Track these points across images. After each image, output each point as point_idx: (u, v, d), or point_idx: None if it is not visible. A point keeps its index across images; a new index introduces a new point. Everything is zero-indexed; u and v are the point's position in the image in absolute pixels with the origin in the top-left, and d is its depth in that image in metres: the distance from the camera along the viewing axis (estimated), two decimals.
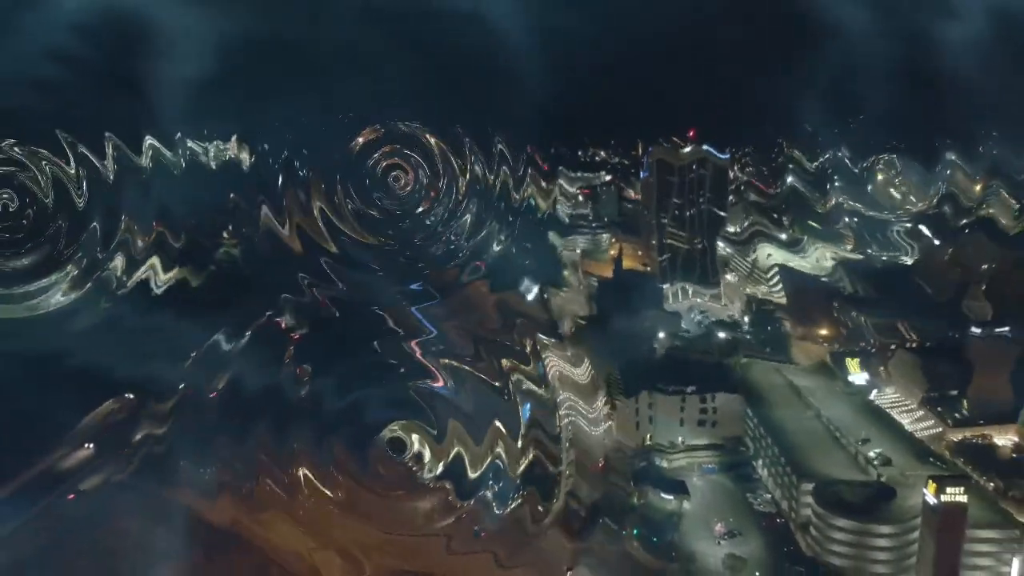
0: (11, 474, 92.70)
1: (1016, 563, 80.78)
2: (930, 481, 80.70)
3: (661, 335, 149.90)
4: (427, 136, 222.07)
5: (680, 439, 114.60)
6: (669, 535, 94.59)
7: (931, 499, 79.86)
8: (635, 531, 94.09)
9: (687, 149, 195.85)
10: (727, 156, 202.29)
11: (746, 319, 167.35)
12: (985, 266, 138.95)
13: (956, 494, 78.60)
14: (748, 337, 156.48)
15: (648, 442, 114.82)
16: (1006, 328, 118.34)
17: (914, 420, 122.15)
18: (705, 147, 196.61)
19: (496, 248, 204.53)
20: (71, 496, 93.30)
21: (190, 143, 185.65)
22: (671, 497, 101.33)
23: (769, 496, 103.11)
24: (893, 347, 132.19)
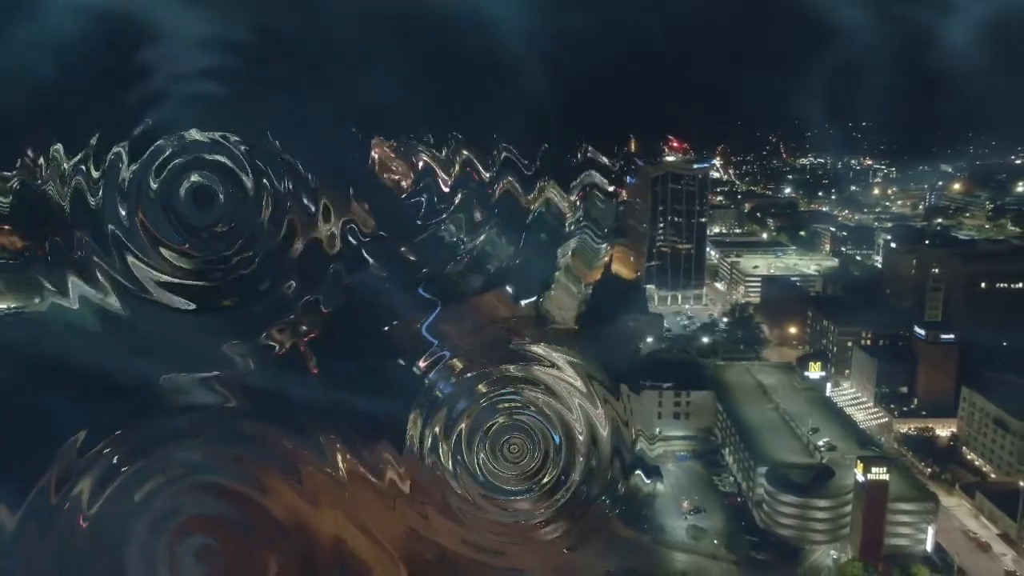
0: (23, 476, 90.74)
1: (930, 531, 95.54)
2: (859, 462, 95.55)
3: (647, 337, 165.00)
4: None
5: (658, 430, 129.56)
6: (643, 511, 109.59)
7: (860, 477, 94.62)
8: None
9: (671, 158, 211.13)
10: (708, 165, 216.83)
11: (724, 320, 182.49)
12: (938, 271, 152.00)
13: (879, 473, 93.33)
14: (725, 336, 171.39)
15: (633, 434, 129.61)
16: (951, 335, 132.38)
17: (868, 413, 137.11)
18: (697, 165, 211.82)
19: (500, 254, 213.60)
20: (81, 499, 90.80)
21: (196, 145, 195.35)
22: (647, 480, 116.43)
23: (732, 479, 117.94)
24: (850, 345, 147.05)
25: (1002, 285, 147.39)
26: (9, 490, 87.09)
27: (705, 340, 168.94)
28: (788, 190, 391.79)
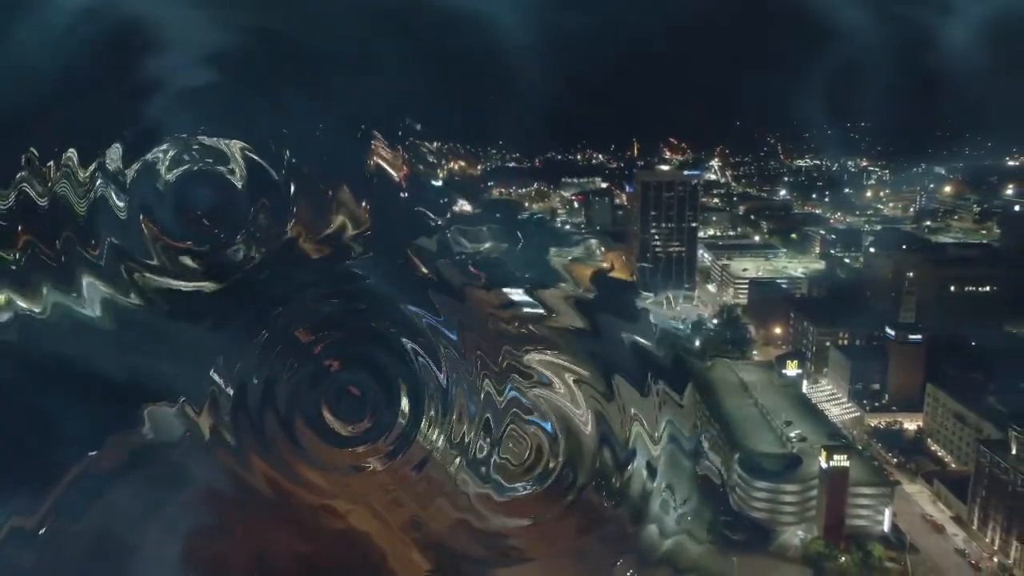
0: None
1: (888, 513, 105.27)
2: (822, 450, 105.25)
3: (638, 336, 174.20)
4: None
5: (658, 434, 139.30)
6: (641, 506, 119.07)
7: (823, 463, 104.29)
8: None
9: (665, 167, 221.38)
10: (699, 173, 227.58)
11: (713, 320, 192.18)
12: (912, 275, 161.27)
13: (840, 460, 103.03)
14: (713, 336, 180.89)
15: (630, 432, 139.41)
16: (918, 336, 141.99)
17: (842, 408, 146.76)
18: (688, 172, 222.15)
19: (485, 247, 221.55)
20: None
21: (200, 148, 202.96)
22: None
23: (712, 467, 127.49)
24: (828, 344, 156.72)
25: (970, 288, 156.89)
26: (19, 496, 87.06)
27: (694, 340, 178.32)
28: (783, 192, 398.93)
